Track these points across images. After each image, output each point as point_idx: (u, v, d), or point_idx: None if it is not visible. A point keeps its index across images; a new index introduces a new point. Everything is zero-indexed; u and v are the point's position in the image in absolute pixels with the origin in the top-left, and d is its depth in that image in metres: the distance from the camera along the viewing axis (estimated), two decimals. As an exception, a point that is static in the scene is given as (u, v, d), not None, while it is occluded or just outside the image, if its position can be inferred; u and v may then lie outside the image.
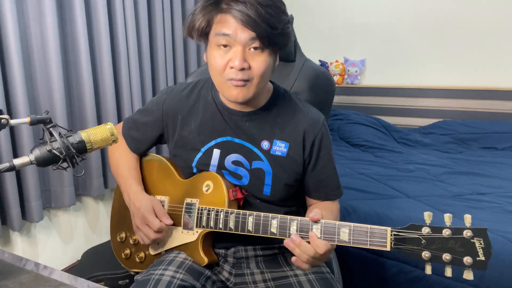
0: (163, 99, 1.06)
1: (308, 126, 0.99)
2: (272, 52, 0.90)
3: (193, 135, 1.02)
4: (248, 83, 0.89)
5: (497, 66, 2.77)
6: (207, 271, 0.98)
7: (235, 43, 0.86)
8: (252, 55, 0.87)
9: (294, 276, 0.96)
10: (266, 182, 0.99)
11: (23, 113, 1.63)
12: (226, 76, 0.89)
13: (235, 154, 0.99)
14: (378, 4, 3.08)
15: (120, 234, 1.12)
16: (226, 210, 0.92)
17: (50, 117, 0.68)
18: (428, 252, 0.71)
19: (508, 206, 1.67)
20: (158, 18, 2.29)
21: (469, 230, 0.68)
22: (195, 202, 0.98)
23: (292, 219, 0.85)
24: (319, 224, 0.82)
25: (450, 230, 0.70)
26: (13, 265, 0.79)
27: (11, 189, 1.64)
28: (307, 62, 1.35)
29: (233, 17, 0.84)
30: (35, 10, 1.70)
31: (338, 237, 0.80)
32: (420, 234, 0.72)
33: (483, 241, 0.68)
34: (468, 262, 0.68)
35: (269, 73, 0.92)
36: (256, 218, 0.88)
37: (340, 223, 0.80)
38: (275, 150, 0.98)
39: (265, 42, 0.86)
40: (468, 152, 2.56)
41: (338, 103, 3.26)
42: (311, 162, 1.00)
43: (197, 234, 0.97)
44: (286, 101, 1.03)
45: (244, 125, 0.99)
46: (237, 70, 0.87)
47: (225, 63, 0.88)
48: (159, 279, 0.88)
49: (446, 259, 0.69)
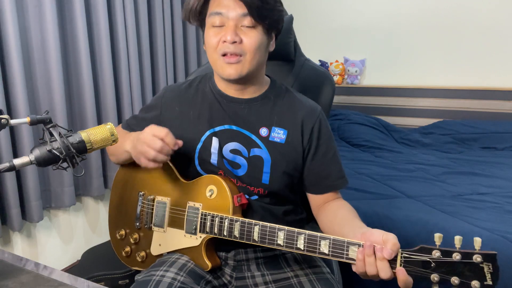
0: (163, 93, 1.10)
1: (306, 114, 1.00)
2: (265, 30, 0.94)
3: (192, 126, 1.02)
4: (242, 59, 0.92)
5: (497, 66, 2.77)
6: (208, 275, 0.97)
7: (227, 21, 0.91)
8: (245, 31, 0.92)
9: (295, 277, 0.96)
10: (265, 170, 0.98)
11: (23, 113, 1.63)
12: (219, 51, 0.92)
13: (233, 143, 0.99)
14: (378, 4, 3.07)
15: (119, 231, 1.11)
16: (231, 217, 0.91)
17: (50, 117, 0.68)
18: (437, 276, 0.71)
19: (508, 206, 1.67)
20: (158, 18, 2.29)
21: (479, 255, 0.68)
22: (198, 206, 0.97)
23: (299, 232, 0.82)
24: (328, 239, 0.79)
25: (460, 254, 0.69)
26: (13, 265, 0.79)
27: (11, 189, 1.64)
28: (307, 62, 1.36)
29: None
30: (35, 10, 1.70)
31: (346, 255, 0.78)
32: (431, 257, 0.71)
33: (492, 266, 0.68)
34: (476, 286, 0.68)
35: (262, 51, 0.95)
36: (262, 228, 0.86)
37: (349, 240, 0.77)
38: (273, 137, 0.99)
39: (255, 17, 0.91)
40: (468, 152, 2.56)
41: (338, 103, 3.26)
42: (310, 151, 1.00)
43: (200, 239, 0.96)
44: (283, 92, 1.05)
45: (243, 112, 1.00)
46: (229, 44, 0.90)
47: (219, 40, 0.92)
48: (160, 281, 0.88)
49: (455, 282, 0.69)
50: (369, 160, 2.44)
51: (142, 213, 1.06)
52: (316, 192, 1.04)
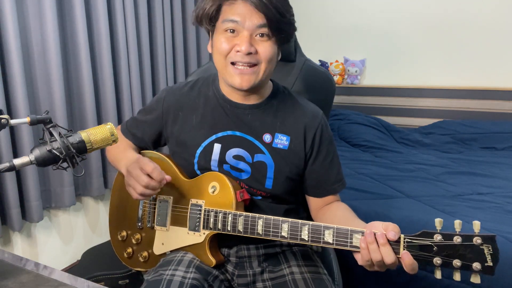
0: (163, 96, 1.07)
1: (308, 121, 1.00)
2: (278, 42, 0.93)
3: (194, 131, 1.02)
4: (256, 68, 0.91)
5: (497, 66, 2.77)
6: (214, 271, 0.98)
7: (242, 30, 0.89)
8: (259, 41, 0.90)
9: (290, 274, 0.96)
10: (268, 175, 0.99)
11: (23, 113, 1.63)
12: (230, 59, 0.91)
13: (237, 148, 0.99)
14: (378, 4, 3.07)
15: (120, 232, 1.12)
16: (234, 212, 0.91)
17: (50, 117, 0.68)
18: (439, 259, 0.72)
19: (508, 206, 1.67)
20: (158, 18, 2.29)
21: (479, 237, 0.70)
22: (201, 203, 0.97)
23: (303, 223, 0.83)
24: (331, 229, 0.80)
25: (460, 237, 0.71)
26: (13, 265, 0.79)
27: (11, 189, 1.64)
28: (307, 62, 1.35)
29: (244, 1, 0.87)
30: (35, 9, 1.70)
31: (351, 243, 0.79)
32: (432, 241, 0.73)
33: (492, 247, 0.70)
34: (477, 267, 0.70)
35: (274, 61, 0.95)
36: (266, 221, 0.87)
37: (353, 228, 0.79)
38: (276, 143, 0.99)
39: (273, 28, 0.89)
40: (468, 152, 2.56)
41: (338, 103, 3.26)
42: (312, 155, 1.01)
43: (204, 236, 0.96)
44: (286, 96, 1.05)
45: (246, 118, 1.00)
46: (244, 54, 0.89)
47: (231, 47, 0.90)
48: (171, 280, 0.88)
49: (456, 265, 0.71)
50: (369, 160, 2.44)
51: (144, 213, 1.06)
52: (315, 195, 1.05)
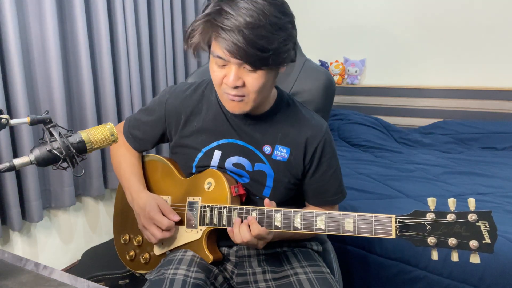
0: (166, 98, 1.06)
1: (311, 134, 0.99)
2: (268, 70, 0.87)
3: (195, 135, 1.02)
4: (245, 98, 0.89)
5: (497, 66, 2.77)
6: (215, 269, 0.98)
7: (229, 64, 0.85)
8: (247, 72, 0.86)
9: (294, 275, 0.96)
10: (267, 184, 0.99)
11: (23, 113, 1.62)
12: (223, 90, 0.90)
13: (237, 156, 0.99)
14: (378, 4, 3.07)
15: (123, 236, 1.12)
16: (229, 206, 0.92)
17: (50, 117, 0.68)
18: (433, 238, 0.70)
19: (508, 206, 1.67)
20: (158, 18, 2.29)
21: (474, 213, 0.68)
22: (198, 200, 0.98)
23: (296, 211, 0.85)
24: (323, 215, 0.82)
25: (454, 215, 0.69)
26: (13, 265, 0.78)
27: (11, 189, 1.64)
28: (307, 62, 1.35)
29: (226, 40, 0.81)
30: (35, 10, 1.70)
31: (343, 227, 0.79)
32: (425, 220, 0.71)
33: (488, 224, 0.67)
34: (474, 245, 0.67)
35: (267, 88, 0.90)
36: (259, 212, 0.88)
37: (344, 213, 0.80)
38: (276, 155, 0.99)
39: (256, 65, 0.83)
40: (468, 152, 2.56)
41: (338, 103, 3.26)
42: (311, 168, 1.01)
43: (201, 232, 0.97)
44: (290, 108, 1.03)
45: (247, 128, 1.00)
46: (231, 88, 0.86)
47: (222, 77, 0.88)
48: (173, 278, 0.89)
49: (452, 243, 0.69)
50: (369, 160, 2.44)
51: None
52: (314, 204, 1.06)
